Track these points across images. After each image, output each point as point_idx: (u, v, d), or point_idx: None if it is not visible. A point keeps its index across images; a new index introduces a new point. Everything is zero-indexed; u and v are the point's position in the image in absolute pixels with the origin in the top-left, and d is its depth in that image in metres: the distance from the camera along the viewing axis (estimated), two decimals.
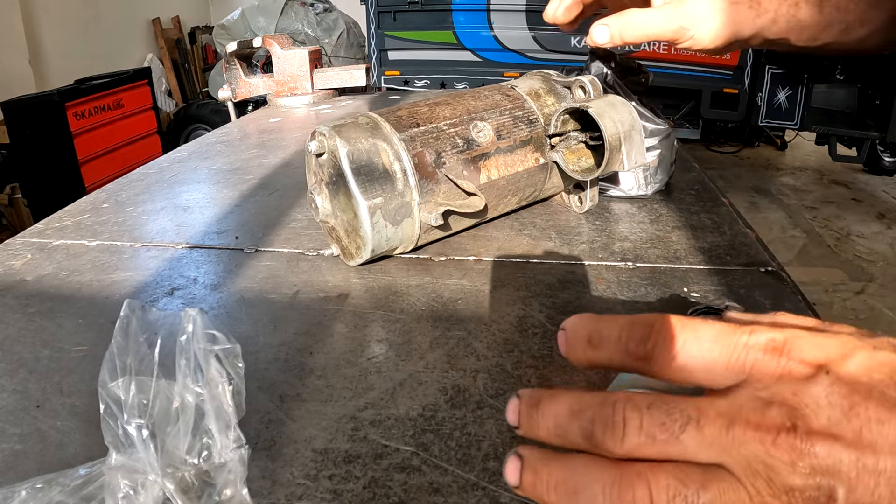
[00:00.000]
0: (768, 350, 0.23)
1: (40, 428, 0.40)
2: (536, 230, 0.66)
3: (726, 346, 0.24)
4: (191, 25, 5.61)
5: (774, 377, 0.23)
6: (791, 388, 0.22)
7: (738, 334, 0.24)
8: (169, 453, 0.33)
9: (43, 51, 4.01)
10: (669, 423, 0.23)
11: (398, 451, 0.37)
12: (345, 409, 0.40)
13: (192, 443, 0.33)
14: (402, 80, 3.96)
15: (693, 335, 0.24)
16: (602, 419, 0.24)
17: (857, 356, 0.23)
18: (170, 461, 0.33)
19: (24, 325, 0.53)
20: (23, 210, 3.09)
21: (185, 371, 0.34)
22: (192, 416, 0.33)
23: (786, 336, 0.24)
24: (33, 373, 0.46)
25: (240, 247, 0.65)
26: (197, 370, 0.34)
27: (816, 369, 0.22)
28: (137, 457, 0.33)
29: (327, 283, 0.57)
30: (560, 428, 0.25)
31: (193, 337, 0.34)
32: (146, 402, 0.33)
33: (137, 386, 0.34)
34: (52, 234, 0.72)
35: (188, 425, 0.33)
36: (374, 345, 0.47)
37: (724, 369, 0.24)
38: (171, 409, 0.34)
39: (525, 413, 0.26)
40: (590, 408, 0.24)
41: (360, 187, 0.53)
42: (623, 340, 0.26)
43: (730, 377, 0.24)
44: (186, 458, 0.33)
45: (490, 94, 0.65)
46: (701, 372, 0.24)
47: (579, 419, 0.24)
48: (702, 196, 0.76)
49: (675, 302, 0.52)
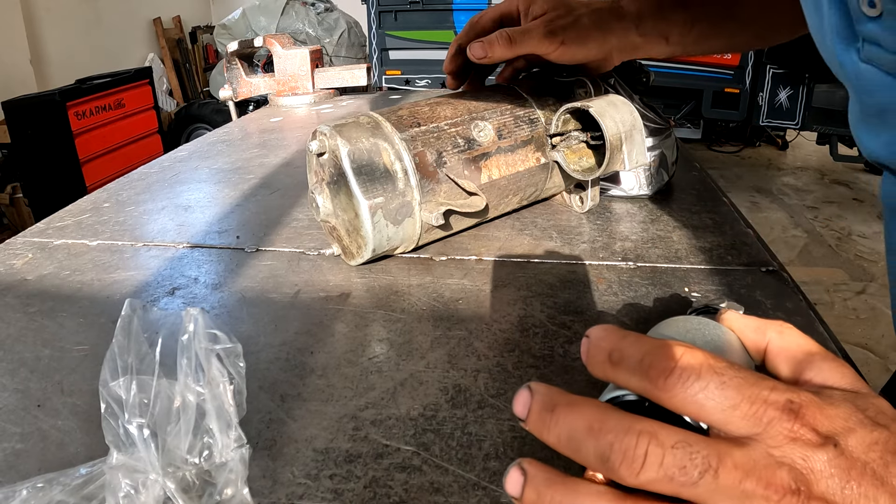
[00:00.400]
0: (785, 411, 0.24)
1: (41, 427, 0.40)
2: (537, 230, 0.66)
3: (748, 397, 0.25)
4: (192, 25, 5.61)
5: (788, 439, 0.24)
6: (801, 453, 0.24)
7: (761, 387, 0.25)
8: (170, 452, 0.33)
9: (44, 50, 4.01)
10: (690, 468, 0.23)
11: (399, 451, 0.37)
12: (346, 409, 0.40)
13: (193, 442, 0.33)
14: (404, 79, 3.96)
15: (718, 379, 0.25)
16: (623, 448, 0.24)
17: (858, 432, 0.24)
18: (171, 460, 0.33)
19: (26, 324, 0.53)
20: (24, 209, 3.10)
21: (186, 370, 0.34)
22: (193, 415, 0.33)
23: (802, 401, 0.25)
24: (34, 372, 0.46)
25: (241, 246, 0.65)
26: (198, 369, 0.34)
27: (825, 440, 0.24)
28: (138, 456, 0.33)
29: (328, 283, 0.57)
30: (574, 442, 0.25)
31: (195, 336, 0.34)
32: (147, 402, 0.33)
33: (138, 385, 0.34)
34: (53, 234, 0.72)
35: (189, 425, 0.33)
36: (374, 344, 0.47)
37: (741, 419, 0.24)
38: (172, 409, 0.34)
39: (537, 413, 0.26)
40: (611, 431, 0.24)
41: (361, 187, 0.53)
42: (644, 366, 0.26)
43: (744, 427, 0.24)
44: (187, 457, 0.33)
45: (491, 93, 0.65)
46: (717, 415, 0.25)
47: (597, 439, 0.24)
48: (703, 196, 0.76)
49: (675, 302, 0.52)
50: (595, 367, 0.27)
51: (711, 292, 0.53)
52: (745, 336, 0.33)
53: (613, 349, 0.27)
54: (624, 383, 0.26)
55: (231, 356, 0.34)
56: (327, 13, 4.65)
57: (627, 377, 0.26)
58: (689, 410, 0.25)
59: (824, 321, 0.50)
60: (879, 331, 2.53)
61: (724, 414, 0.25)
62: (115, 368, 0.34)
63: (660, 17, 0.64)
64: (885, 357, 2.37)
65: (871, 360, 2.34)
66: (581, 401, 0.26)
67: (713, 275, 0.56)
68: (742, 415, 0.24)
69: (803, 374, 0.29)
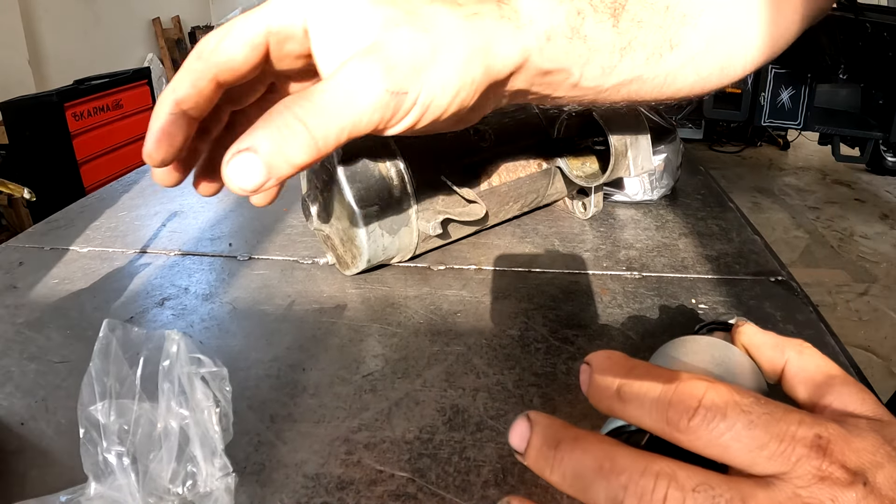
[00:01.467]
0: (814, 448, 0.23)
1: (24, 447, 0.39)
2: (539, 237, 0.65)
3: (776, 435, 0.23)
4: (191, 25, 5.59)
5: (816, 478, 0.22)
6: (830, 493, 0.22)
7: (788, 422, 0.23)
8: (152, 482, 0.31)
9: (42, 51, 3.99)
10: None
11: (393, 477, 0.35)
12: (338, 431, 0.38)
13: (176, 470, 0.32)
14: None
15: (746, 419, 0.23)
16: (639, 491, 0.22)
17: (886, 468, 0.23)
18: (152, 490, 0.31)
19: (12, 336, 0.51)
20: (22, 211, 3.08)
21: (168, 394, 0.32)
22: (176, 441, 0.32)
23: (830, 435, 0.23)
24: (19, 388, 0.45)
25: (233, 254, 0.64)
26: (181, 393, 0.32)
27: (854, 477, 0.22)
28: (118, 485, 0.31)
29: (322, 294, 0.55)
30: (581, 481, 0.23)
31: (177, 360, 0.32)
32: (127, 428, 0.32)
33: (118, 410, 0.32)
34: (45, 240, 0.70)
35: (172, 452, 0.31)
36: (369, 360, 0.45)
37: (768, 458, 0.23)
38: (153, 435, 0.32)
39: (538, 449, 0.24)
40: (625, 472, 0.22)
41: (355, 195, 0.51)
42: (662, 405, 0.23)
43: (771, 466, 0.23)
44: (170, 486, 0.31)
45: None
46: (743, 455, 0.23)
47: (608, 481, 0.22)
48: (708, 201, 0.74)
49: (682, 314, 0.50)
50: (601, 401, 0.25)
51: (719, 304, 0.51)
52: (762, 353, 0.31)
53: (623, 385, 0.24)
54: (636, 421, 0.24)
55: (217, 379, 0.32)
56: None
57: (641, 415, 0.24)
58: (712, 453, 0.23)
59: (829, 326, 0.48)
60: (882, 333, 2.51)
61: (750, 455, 0.23)
62: (92, 392, 0.32)
63: (570, 32, 0.32)
64: (887, 359, 2.35)
65: (873, 363, 2.33)
66: (587, 436, 0.24)
67: (721, 285, 0.54)
68: (769, 455, 0.23)
69: (823, 398, 0.27)
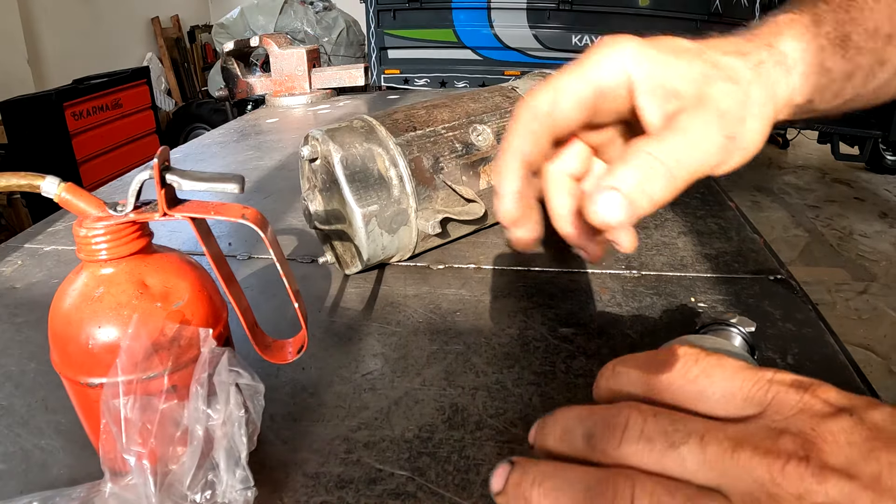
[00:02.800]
0: (793, 386, 0.22)
1: (24, 447, 0.39)
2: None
3: (749, 378, 0.23)
4: (190, 24, 5.58)
5: (794, 409, 0.21)
6: (810, 422, 0.21)
7: (763, 371, 0.23)
8: (170, 487, 0.30)
9: (42, 50, 3.99)
10: (672, 433, 0.22)
11: (393, 476, 0.35)
12: (337, 430, 0.38)
13: (196, 476, 0.30)
14: (402, 78, 3.94)
15: (718, 362, 0.24)
16: (605, 420, 0.23)
17: (883, 408, 0.22)
18: (169, 495, 0.30)
19: (12, 335, 0.51)
20: (21, 210, 3.08)
21: (198, 397, 0.31)
22: (200, 447, 0.31)
23: (814, 381, 0.23)
24: (19, 387, 0.45)
25: (233, 253, 0.64)
26: (212, 394, 0.32)
27: (839, 410, 0.21)
28: (134, 486, 0.30)
29: (322, 293, 0.55)
30: (567, 433, 0.24)
31: (210, 363, 0.32)
32: (150, 427, 0.31)
33: (142, 406, 0.31)
34: (44, 240, 0.70)
35: (195, 457, 0.30)
36: (368, 359, 0.45)
37: (743, 401, 0.23)
38: (176, 436, 0.31)
39: (539, 424, 0.26)
40: (598, 413, 0.24)
41: (354, 194, 0.51)
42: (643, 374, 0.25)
43: (747, 409, 0.22)
44: (188, 493, 0.30)
45: (490, 95, 0.63)
46: (718, 398, 0.23)
47: (584, 422, 0.24)
48: (707, 199, 0.74)
49: (681, 313, 0.50)
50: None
51: (719, 302, 0.51)
52: None
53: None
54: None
55: (251, 392, 0.32)
56: (326, 12, 4.62)
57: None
58: (688, 401, 0.24)
59: (829, 325, 0.48)
60: (882, 331, 2.51)
61: (725, 399, 0.23)
62: (118, 386, 0.31)
63: (819, 69, 0.35)
64: (887, 358, 2.35)
65: (873, 361, 2.33)
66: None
67: (720, 283, 0.54)
68: (744, 397, 0.23)
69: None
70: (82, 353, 0.33)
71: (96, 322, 0.32)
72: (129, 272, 0.34)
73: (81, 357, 0.33)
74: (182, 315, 0.34)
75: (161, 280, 0.34)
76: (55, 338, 0.34)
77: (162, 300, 0.33)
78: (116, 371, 0.31)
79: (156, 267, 0.34)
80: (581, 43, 3.56)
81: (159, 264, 0.35)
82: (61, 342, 0.34)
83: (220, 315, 0.36)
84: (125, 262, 0.34)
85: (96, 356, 0.32)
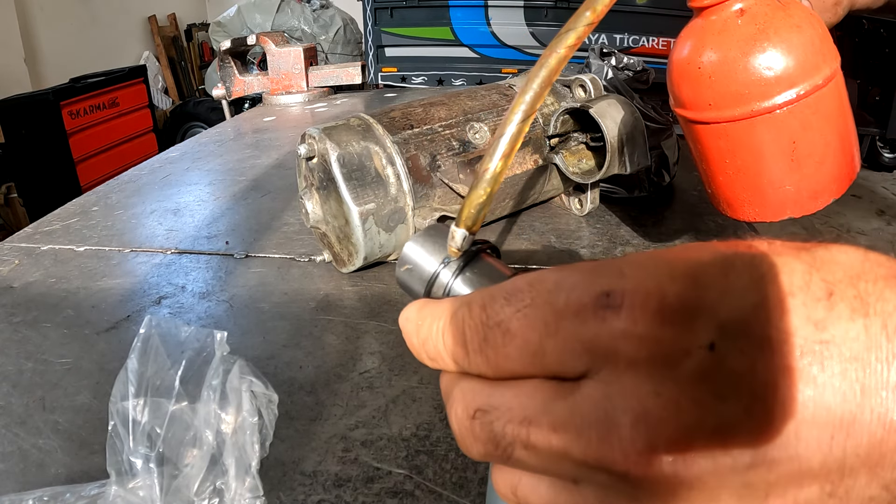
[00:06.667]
0: (599, 310, 0.18)
1: (22, 446, 0.39)
2: (535, 234, 0.65)
3: (546, 319, 0.18)
4: (187, 23, 5.57)
5: (624, 363, 0.17)
6: (652, 387, 0.17)
7: (559, 293, 0.19)
8: (176, 491, 0.30)
9: (39, 49, 3.98)
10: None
11: (390, 475, 0.35)
12: (335, 429, 0.39)
13: (204, 481, 0.30)
14: (400, 76, 3.93)
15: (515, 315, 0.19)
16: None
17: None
18: (175, 500, 0.30)
19: (9, 335, 0.51)
20: (19, 210, 3.07)
21: (209, 400, 0.31)
22: (210, 451, 0.30)
23: (626, 283, 0.18)
24: (17, 387, 0.45)
25: (230, 252, 0.64)
26: (223, 399, 0.31)
27: (692, 333, 0.17)
28: (139, 490, 0.30)
29: (319, 292, 0.55)
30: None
31: (223, 367, 0.31)
32: (160, 431, 0.31)
33: (152, 408, 0.31)
34: (41, 239, 0.70)
35: (204, 461, 0.30)
36: (366, 358, 0.45)
37: (557, 358, 0.18)
38: (186, 439, 0.31)
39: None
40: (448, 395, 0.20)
41: (351, 193, 0.51)
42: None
43: (571, 366, 0.18)
44: (195, 499, 0.30)
45: (487, 93, 0.63)
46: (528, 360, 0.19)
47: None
48: (705, 197, 0.74)
49: None
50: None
51: None
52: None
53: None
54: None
55: (265, 401, 0.32)
56: (323, 10, 4.62)
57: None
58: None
59: None
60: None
61: (533, 359, 0.18)
62: (126, 388, 0.31)
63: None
64: None
65: None
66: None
67: None
68: (553, 350, 0.18)
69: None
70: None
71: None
72: None
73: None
74: None
75: None
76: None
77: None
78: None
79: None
80: None
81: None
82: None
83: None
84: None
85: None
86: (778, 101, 0.39)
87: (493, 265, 0.23)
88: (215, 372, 0.32)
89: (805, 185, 0.42)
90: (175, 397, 0.31)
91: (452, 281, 0.23)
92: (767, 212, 0.44)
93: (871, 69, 3.56)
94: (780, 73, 0.38)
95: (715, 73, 0.40)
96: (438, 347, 0.20)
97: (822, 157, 0.41)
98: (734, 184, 0.44)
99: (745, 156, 0.42)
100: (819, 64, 0.39)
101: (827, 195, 0.43)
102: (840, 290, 0.17)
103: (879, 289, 0.17)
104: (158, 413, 0.31)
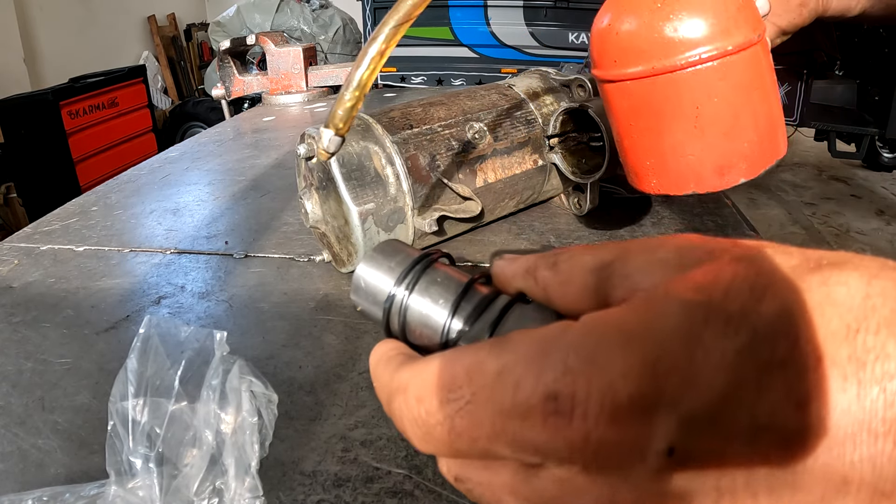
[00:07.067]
0: (549, 418, 0.17)
1: (21, 446, 0.39)
2: (535, 234, 0.65)
3: (494, 417, 0.18)
4: (187, 22, 5.57)
5: (578, 469, 0.17)
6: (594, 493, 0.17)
7: (504, 389, 0.18)
8: (176, 491, 0.30)
9: (38, 49, 3.98)
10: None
11: (390, 475, 0.35)
12: (334, 429, 0.39)
13: (203, 481, 0.30)
14: (399, 76, 3.93)
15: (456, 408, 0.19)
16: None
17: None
18: (175, 500, 0.30)
19: (9, 335, 0.51)
20: (18, 209, 3.07)
21: (208, 400, 0.31)
22: (210, 451, 0.30)
23: (569, 385, 0.17)
24: (16, 387, 0.45)
25: (229, 252, 0.64)
26: (223, 398, 0.31)
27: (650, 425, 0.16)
28: (138, 490, 0.30)
29: (318, 292, 0.55)
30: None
31: (223, 367, 0.31)
32: (159, 431, 0.31)
33: (152, 408, 0.31)
34: (41, 239, 0.70)
35: (203, 461, 0.30)
36: (365, 358, 0.45)
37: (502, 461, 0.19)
38: (185, 439, 0.31)
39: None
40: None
41: (350, 192, 0.51)
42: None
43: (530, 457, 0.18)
44: (194, 499, 0.30)
45: (486, 93, 0.63)
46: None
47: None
48: (704, 197, 0.74)
49: None
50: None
51: None
52: (513, 288, 0.22)
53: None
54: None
55: (265, 401, 0.32)
56: (322, 10, 4.62)
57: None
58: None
59: None
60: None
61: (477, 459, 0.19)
62: (126, 388, 0.31)
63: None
64: None
65: None
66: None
67: None
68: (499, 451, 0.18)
69: (609, 295, 0.19)
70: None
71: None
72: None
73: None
74: None
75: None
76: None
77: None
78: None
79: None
80: (578, 41, 3.56)
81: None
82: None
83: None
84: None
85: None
86: (679, 61, 0.38)
87: (447, 273, 0.23)
88: (215, 372, 0.32)
89: (709, 156, 0.41)
90: (174, 397, 0.31)
91: (407, 298, 0.23)
92: (670, 182, 0.43)
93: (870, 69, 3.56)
94: (684, 33, 0.38)
95: (622, 31, 0.40)
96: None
97: (729, 128, 0.40)
98: (637, 147, 0.44)
99: (647, 116, 0.42)
100: (730, 29, 0.38)
101: (735, 173, 0.42)
102: (832, 352, 0.15)
103: (881, 341, 0.15)
104: (158, 413, 0.31)
